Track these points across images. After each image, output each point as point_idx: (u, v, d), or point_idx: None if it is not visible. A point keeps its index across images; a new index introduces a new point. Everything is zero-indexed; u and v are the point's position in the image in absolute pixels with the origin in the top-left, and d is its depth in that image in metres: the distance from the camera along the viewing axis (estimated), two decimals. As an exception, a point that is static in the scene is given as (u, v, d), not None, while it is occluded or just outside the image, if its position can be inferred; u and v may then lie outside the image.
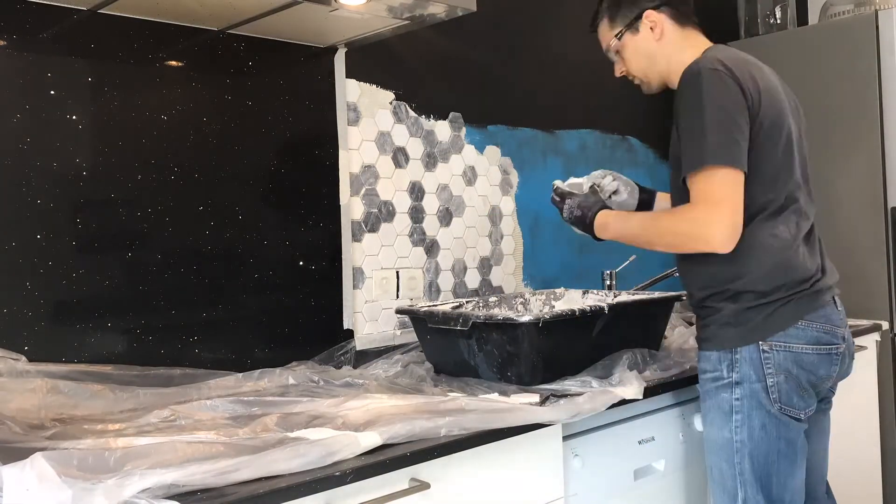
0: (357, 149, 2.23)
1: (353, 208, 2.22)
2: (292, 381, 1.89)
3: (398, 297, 2.31)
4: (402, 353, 2.14)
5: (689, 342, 2.14)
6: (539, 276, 2.70)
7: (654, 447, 1.94)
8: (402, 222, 2.34)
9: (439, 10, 1.87)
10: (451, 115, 2.48)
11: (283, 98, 2.09)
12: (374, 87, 2.28)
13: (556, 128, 2.79)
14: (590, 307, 1.88)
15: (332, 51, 2.18)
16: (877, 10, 2.91)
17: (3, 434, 1.40)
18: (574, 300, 2.32)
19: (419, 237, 2.38)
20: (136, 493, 1.08)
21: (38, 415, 1.55)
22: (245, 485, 1.19)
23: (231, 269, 1.98)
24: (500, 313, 2.03)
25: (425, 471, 1.41)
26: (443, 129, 2.45)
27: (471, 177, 2.53)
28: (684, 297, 2.18)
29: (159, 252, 1.87)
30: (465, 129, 2.52)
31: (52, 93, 1.73)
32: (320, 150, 2.16)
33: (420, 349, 2.09)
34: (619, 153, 3.02)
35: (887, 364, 2.86)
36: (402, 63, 2.34)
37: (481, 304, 2.21)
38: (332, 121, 2.18)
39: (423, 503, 1.42)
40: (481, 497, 1.53)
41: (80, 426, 1.51)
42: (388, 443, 1.38)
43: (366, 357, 2.16)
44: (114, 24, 1.81)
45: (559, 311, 1.85)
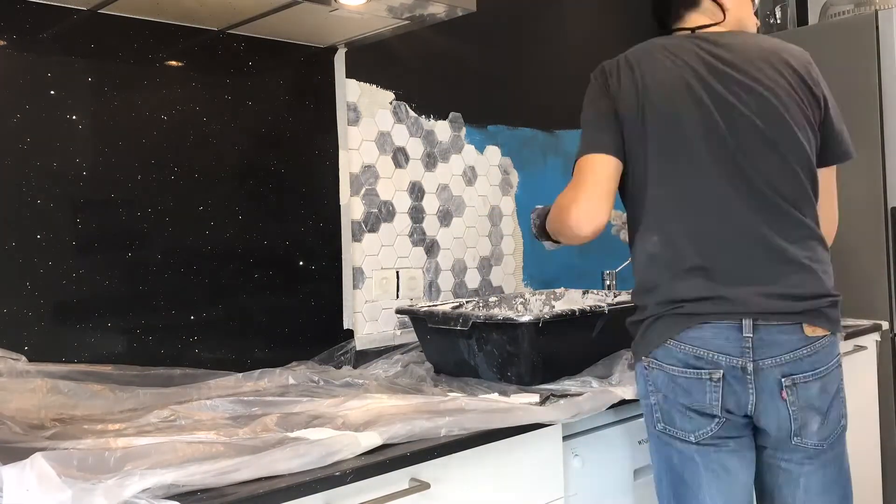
0: (357, 149, 2.23)
1: (353, 208, 2.22)
2: (292, 381, 1.89)
3: (398, 297, 2.31)
4: (402, 353, 2.14)
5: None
6: (539, 276, 2.70)
7: (654, 447, 1.94)
8: (402, 222, 2.34)
9: (439, 10, 1.87)
10: (451, 115, 2.48)
11: (283, 98, 2.09)
12: (374, 87, 2.28)
13: (556, 128, 2.79)
14: (590, 307, 1.88)
15: (332, 51, 2.18)
16: (877, 10, 2.91)
17: (3, 434, 1.40)
18: (574, 300, 2.32)
19: (419, 237, 2.38)
20: (136, 493, 1.08)
21: (38, 415, 1.55)
22: (245, 485, 1.19)
23: (231, 269, 1.98)
24: (500, 313, 2.03)
25: (425, 471, 1.41)
26: (443, 129, 2.45)
27: (471, 177, 2.53)
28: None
29: (159, 252, 1.87)
30: (465, 129, 2.52)
31: (52, 93, 1.73)
32: (320, 150, 2.16)
33: (420, 349, 2.09)
34: (619, 153, 3.01)
35: (887, 364, 2.86)
36: (402, 63, 2.34)
37: (481, 304, 2.21)
38: (332, 121, 2.18)
39: (423, 503, 1.42)
40: (481, 497, 1.53)
41: (80, 426, 1.51)
42: (388, 443, 1.38)
43: (366, 357, 2.16)
44: (114, 24, 1.81)
45: (559, 311, 1.85)
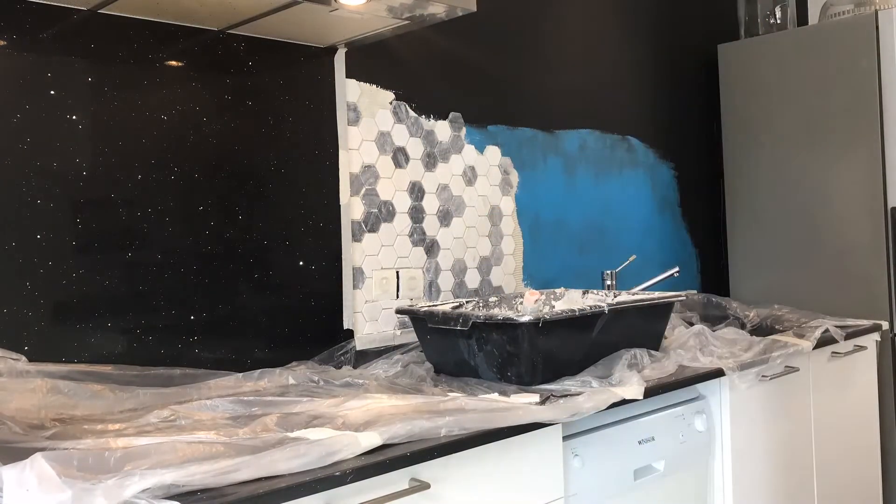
0: (357, 149, 2.23)
1: (353, 208, 2.22)
2: (292, 381, 1.89)
3: (398, 297, 2.31)
4: (402, 353, 2.14)
5: (689, 342, 2.14)
6: (539, 276, 2.70)
7: (654, 447, 1.94)
8: (402, 222, 2.34)
9: (439, 10, 1.87)
10: (451, 115, 2.48)
11: (283, 98, 2.09)
12: (374, 87, 2.28)
13: (556, 128, 2.79)
14: (590, 307, 1.88)
15: (332, 51, 2.18)
16: (877, 10, 2.91)
17: (3, 434, 1.40)
18: (574, 300, 2.32)
19: (419, 237, 2.38)
20: (136, 494, 1.07)
21: (38, 415, 1.55)
22: (245, 485, 1.19)
23: (231, 269, 1.98)
24: (500, 313, 2.03)
25: (425, 471, 1.41)
26: (443, 129, 2.45)
27: (471, 177, 2.53)
28: (684, 297, 2.19)
29: (159, 252, 1.87)
30: (465, 129, 2.52)
31: (52, 93, 1.73)
32: (320, 150, 2.16)
33: (420, 349, 2.09)
34: (619, 153, 3.02)
35: (887, 364, 2.86)
36: (402, 63, 2.34)
37: (481, 304, 2.21)
38: (332, 121, 2.18)
39: (423, 503, 1.42)
40: (481, 497, 1.53)
41: (80, 426, 1.51)
42: (388, 443, 1.38)
43: (366, 357, 2.16)
44: (114, 24, 1.81)
45: (559, 311, 1.85)
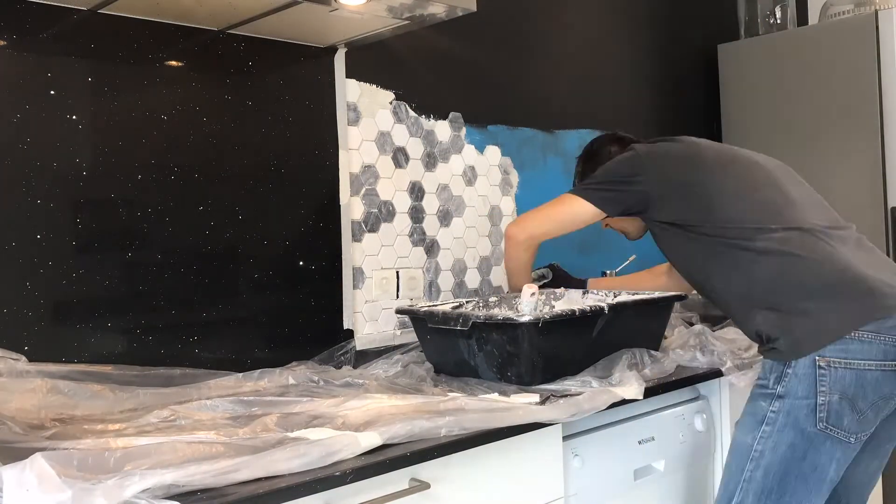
0: (357, 149, 2.23)
1: (353, 208, 2.22)
2: (292, 381, 1.89)
3: (398, 297, 2.31)
4: (402, 353, 2.14)
5: (689, 342, 2.13)
6: (539, 276, 2.70)
7: (654, 447, 1.94)
8: (402, 222, 2.34)
9: (439, 10, 1.87)
10: (451, 115, 2.48)
11: (283, 98, 2.09)
12: (374, 87, 2.28)
13: (556, 128, 2.79)
14: (590, 307, 1.88)
15: (332, 51, 2.18)
16: (877, 10, 2.91)
17: (3, 434, 1.40)
18: (574, 300, 2.32)
19: (419, 237, 2.38)
20: (136, 494, 1.07)
21: (38, 415, 1.54)
22: (245, 485, 1.19)
23: (231, 269, 1.98)
24: (500, 313, 2.02)
25: (425, 471, 1.41)
26: (443, 129, 2.45)
27: (471, 177, 2.53)
28: (684, 297, 2.19)
29: (159, 252, 1.87)
30: (465, 129, 2.51)
31: (52, 93, 1.73)
32: (320, 150, 2.16)
33: (420, 349, 2.09)
34: (619, 153, 3.01)
35: (887, 364, 2.86)
36: (402, 63, 2.34)
37: (481, 304, 2.21)
38: (332, 121, 2.18)
39: (423, 503, 1.42)
40: (481, 497, 1.53)
41: (80, 426, 1.51)
42: (388, 443, 1.38)
43: (366, 357, 2.16)
44: (114, 24, 1.81)
45: (559, 311, 1.85)
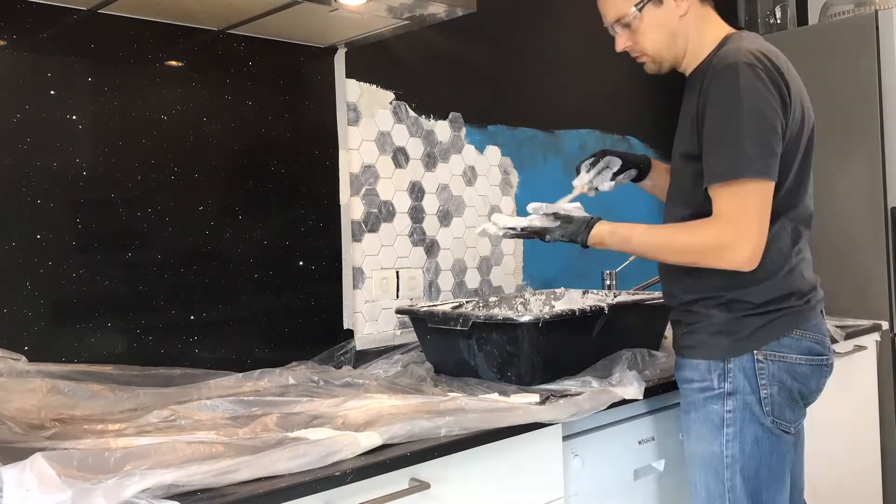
0: (357, 149, 2.23)
1: (353, 208, 2.22)
2: (292, 381, 1.89)
3: (398, 297, 2.31)
4: (402, 353, 2.14)
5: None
6: (539, 277, 2.70)
7: (654, 447, 1.94)
8: (402, 222, 2.34)
9: (439, 10, 1.87)
10: (451, 115, 2.48)
11: (283, 98, 2.09)
12: (374, 87, 2.28)
13: (556, 128, 2.79)
14: (590, 307, 1.88)
15: (332, 51, 2.18)
16: (877, 10, 2.91)
17: (3, 434, 1.40)
18: (574, 300, 2.32)
19: (419, 237, 2.38)
20: (136, 494, 1.08)
21: (38, 415, 1.55)
22: (245, 485, 1.19)
23: (231, 269, 1.98)
24: (500, 313, 2.02)
25: (425, 471, 1.41)
26: (443, 129, 2.45)
27: (471, 177, 2.53)
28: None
29: (159, 252, 1.87)
30: (465, 129, 2.51)
31: (52, 93, 1.73)
32: (320, 150, 2.16)
33: (420, 349, 2.09)
34: (619, 153, 3.01)
35: (887, 364, 2.86)
36: (402, 63, 2.34)
37: (481, 304, 2.21)
38: (332, 121, 2.18)
39: (423, 503, 1.42)
40: (481, 497, 1.53)
41: (80, 426, 1.51)
42: (388, 443, 1.38)
43: (366, 357, 2.16)
44: (114, 24, 1.81)
45: (559, 311, 1.85)
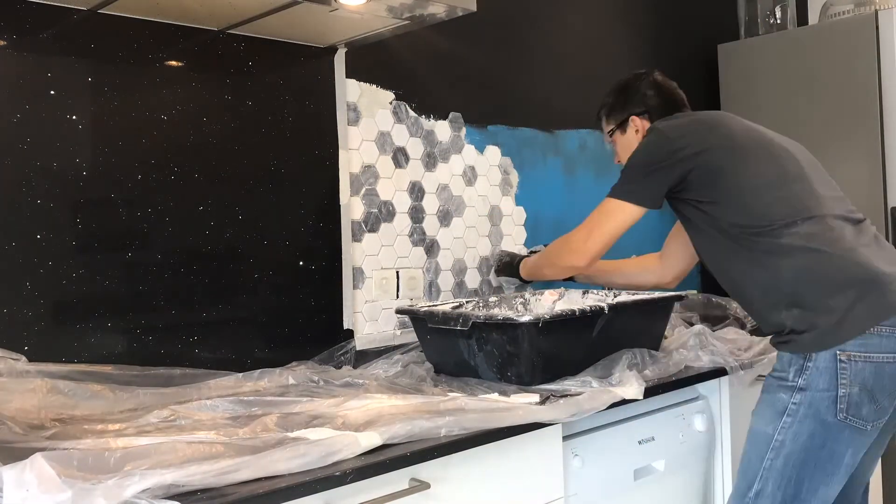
0: (357, 149, 2.23)
1: (353, 208, 2.22)
2: (292, 381, 1.89)
3: (398, 297, 2.31)
4: (402, 353, 2.14)
5: (689, 342, 2.13)
6: (539, 276, 2.70)
7: (654, 447, 1.94)
8: (402, 222, 2.34)
9: (439, 10, 1.87)
10: (451, 115, 2.48)
11: (283, 98, 2.09)
12: (374, 87, 2.28)
13: (556, 128, 2.79)
14: (590, 307, 1.88)
15: (332, 51, 2.18)
16: (877, 10, 2.91)
17: (3, 434, 1.40)
18: (574, 300, 2.32)
19: (419, 237, 2.38)
20: (136, 494, 1.07)
21: (38, 415, 1.55)
22: (245, 485, 1.19)
23: (231, 269, 1.98)
24: (500, 313, 2.02)
25: (425, 471, 1.41)
26: (443, 129, 2.45)
27: (471, 177, 2.53)
28: (684, 297, 2.19)
29: (159, 252, 1.87)
30: (465, 129, 2.51)
31: (52, 93, 1.73)
32: (320, 150, 2.16)
33: (420, 349, 2.09)
34: (619, 153, 3.01)
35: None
36: (402, 63, 2.34)
37: (481, 304, 2.21)
38: (332, 121, 2.18)
39: (423, 503, 1.42)
40: (481, 497, 1.53)
41: (80, 426, 1.51)
42: (388, 443, 1.38)
43: (366, 357, 2.16)
44: (114, 24, 1.81)
45: (559, 311, 1.85)
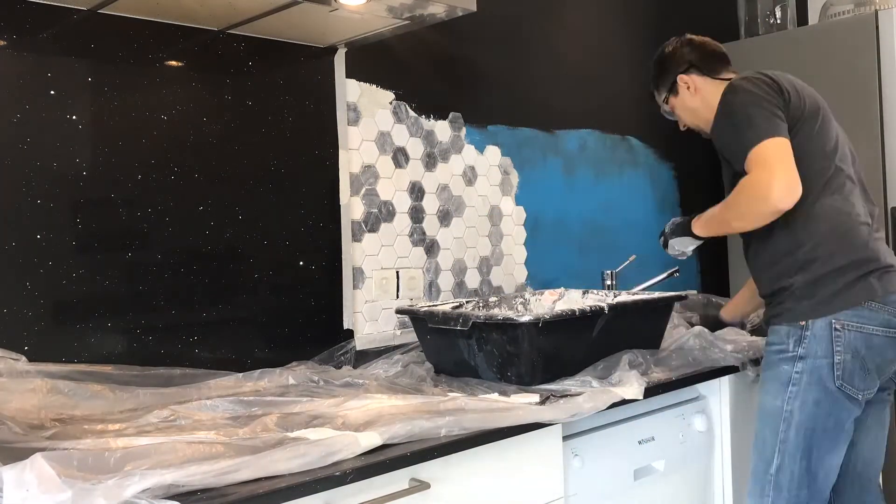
0: (357, 149, 2.23)
1: (353, 208, 2.22)
2: (292, 381, 1.89)
3: (398, 297, 2.31)
4: (402, 353, 2.14)
5: (689, 342, 2.13)
6: (539, 276, 2.70)
7: (654, 447, 1.94)
8: (402, 222, 2.34)
9: (439, 10, 1.87)
10: (451, 115, 2.48)
11: (283, 98, 2.09)
12: (374, 87, 2.28)
13: (556, 128, 2.79)
14: (590, 307, 1.88)
15: (332, 51, 2.18)
16: (877, 10, 2.91)
17: (3, 434, 1.40)
18: (574, 300, 2.32)
19: (419, 237, 2.38)
20: (136, 494, 1.08)
21: (38, 415, 1.55)
22: (245, 485, 1.19)
23: (231, 269, 1.98)
24: (500, 313, 2.03)
25: (425, 471, 1.41)
26: (443, 129, 2.45)
27: (471, 177, 2.53)
28: (684, 297, 2.19)
29: (159, 252, 1.87)
30: (465, 129, 2.51)
31: (52, 93, 1.73)
32: (320, 150, 2.16)
33: (420, 349, 2.09)
34: (619, 153, 3.02)
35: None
36: (402, 63, 2.34)
37: (481, 304, 2.21)
38: (332, 121, 2.18)
39: (423, 503, 1.42)
40: (481, 497, 1.53)
41: (80, 426, 1.51)
42: (388, 443, 1.38)
43: (366, 357, 2.16)
44: (114, 24, 1.81)
45: (559, 311, 1.85)
